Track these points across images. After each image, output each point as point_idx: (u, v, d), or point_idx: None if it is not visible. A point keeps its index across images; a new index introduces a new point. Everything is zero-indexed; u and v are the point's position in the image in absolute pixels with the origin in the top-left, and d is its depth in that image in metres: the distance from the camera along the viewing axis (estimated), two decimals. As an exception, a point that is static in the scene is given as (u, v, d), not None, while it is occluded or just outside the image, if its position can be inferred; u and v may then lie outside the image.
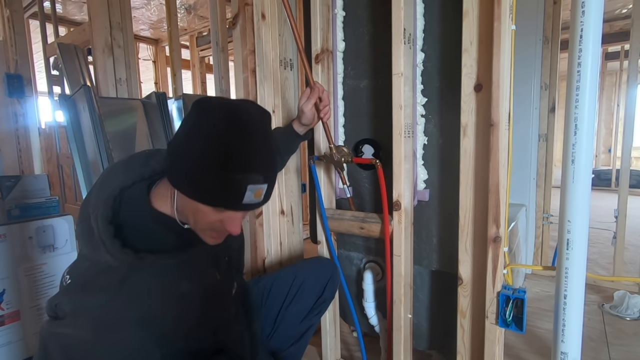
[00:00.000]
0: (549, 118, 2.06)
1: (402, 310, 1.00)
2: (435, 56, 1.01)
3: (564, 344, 0.72)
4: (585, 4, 0.61)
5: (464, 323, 0.93)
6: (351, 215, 1.12)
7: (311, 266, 1.08)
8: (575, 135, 0.65)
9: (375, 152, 1.13)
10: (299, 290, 1.00)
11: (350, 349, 1.47)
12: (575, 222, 0.67)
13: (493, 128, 0.81)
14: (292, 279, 1.01)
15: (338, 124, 1.18)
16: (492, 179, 0.82)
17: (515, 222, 1.69)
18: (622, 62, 5.13)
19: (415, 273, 1.09)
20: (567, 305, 0.70)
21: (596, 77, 0.64)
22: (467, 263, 0.91)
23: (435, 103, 1.02)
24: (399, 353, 1.02)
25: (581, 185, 0.66)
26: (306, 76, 1.07)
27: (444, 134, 1.02)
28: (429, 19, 1.00)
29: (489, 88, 0.81)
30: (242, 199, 0.60)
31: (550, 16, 1.98)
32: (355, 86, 1.16)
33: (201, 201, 0.61)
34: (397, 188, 0.96)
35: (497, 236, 0.83)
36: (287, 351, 1.00)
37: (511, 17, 0.79)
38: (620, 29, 4.39)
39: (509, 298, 0.81)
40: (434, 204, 1.06)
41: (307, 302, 1.01)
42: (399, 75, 0.91)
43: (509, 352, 1.40)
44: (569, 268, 0.69)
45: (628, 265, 2.28)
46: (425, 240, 1.09)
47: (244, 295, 0.90)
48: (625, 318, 1.62)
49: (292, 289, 1.00)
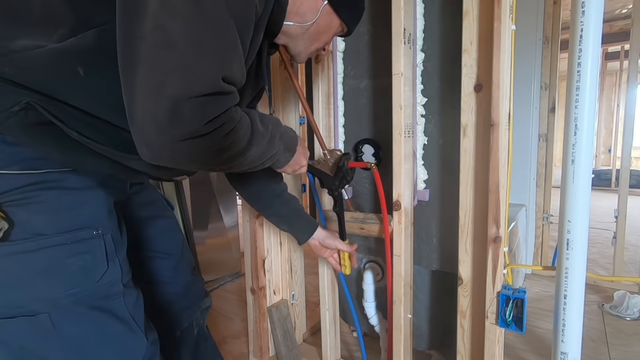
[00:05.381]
0: (549, 118, 2.06)
1: (402, 310, 1.00)
2: (435, 56, 1.01)
3: (564, 344, 0.72)
4: (585, 4, 0.61)
5: (464, 323, 0.93)
6: (350, 216, 1.12)
7: None
8: (575, 135, 0.65)
9: (375, 152, 1.13)
10: None
11: (350, 349, 1.47)
12: (575, 222, 0.67)
13: (493, 128, 0.81)
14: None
15: (338, 124, 1.18)
16: (492, 179, 0.82)
17: (515, 222, 1.69)
18: (622, 62, 5.12)
19: (415, 273, 1.09)
20: (567, 305, 0.70)
21: (596, 77, 0.64)
22: (467, 263, 0.91)
23: (435, 103, 1.02)
24: (399, 353, 1.02)
25: (581, 185, 0.66)
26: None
27: (444, 134, 1.02)
28: (429, 19, 1.00)
29: (489, 88, 0.81)
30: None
31: (550, 16, 1.98)
32: (355, 86, 1.16)
33: (346, 18, 0.74)
34: (397, 188, 0.96)
35: (497, 236, 0.83)
36: None
37: (511, 17, 0.79)
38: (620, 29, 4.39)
39: (509, 298, 0.81)
40: (434, 204, 1.06)
41: None
42: (399, 75, 0.91)
43: (509, 352, 1.40)
44: (569, 268, 0.69)
45: (628, 265, 2.28)
46: (425, 240, 1.09)
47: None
48: (625, 318, 1.63)
49: None
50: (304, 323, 1.52)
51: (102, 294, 0.64)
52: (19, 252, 0.57)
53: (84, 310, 0.62)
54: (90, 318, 0.62)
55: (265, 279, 1.33)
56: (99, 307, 0.63)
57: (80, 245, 0.61)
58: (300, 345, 1.46)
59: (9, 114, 0.53)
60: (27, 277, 0.58)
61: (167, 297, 0.90)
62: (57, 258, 0.59)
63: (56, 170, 0.60)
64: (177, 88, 0.47)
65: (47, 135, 0.57)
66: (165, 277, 0.89)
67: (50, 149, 0.59)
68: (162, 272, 0.89)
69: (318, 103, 1.18)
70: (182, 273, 0.92)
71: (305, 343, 1.49)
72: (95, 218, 0.64)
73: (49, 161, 0.59)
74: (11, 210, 0.56)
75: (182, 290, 0.92)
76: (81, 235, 0.62)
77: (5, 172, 0.56)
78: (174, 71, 0.47)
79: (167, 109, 0.47)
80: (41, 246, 0.58)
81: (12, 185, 0.57)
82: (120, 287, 0.66)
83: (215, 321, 1.75)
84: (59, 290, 0.59)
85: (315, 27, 0.71)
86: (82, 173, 0.63)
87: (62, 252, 0.59)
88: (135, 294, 0.70)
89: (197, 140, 0.51)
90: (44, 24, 0.52)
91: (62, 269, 0.59)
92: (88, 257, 0.62)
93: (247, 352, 1.45)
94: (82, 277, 0.61)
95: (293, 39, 0.73)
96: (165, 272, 0.89)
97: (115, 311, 0.65)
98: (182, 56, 0.47)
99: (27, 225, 0.57)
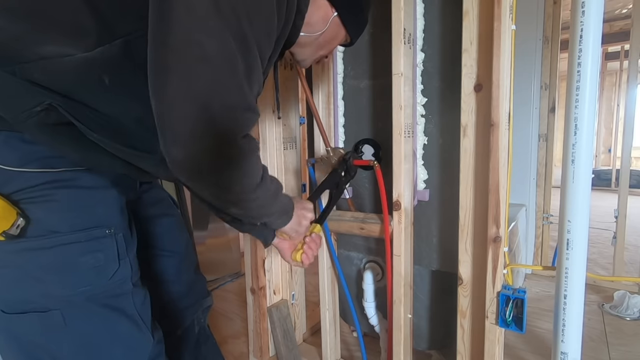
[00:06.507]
0: (549, 118, 2.06)
1: (402, 310, 1.00)
2: (435, 56, 1.01)
3: (564, 344, 0.72)
4: (585, 4, 0.61)
5: (464, 323, 0.93)
6: (351, 216, 1.12)
7: None
8: (575, 135, 0.65)
9: (375, 152, 1.13)
10: None
11: (350, 349, 1.47)
12: (575, 222, 0.67)
13: (493, 128, 0.81)
14: None
15: (338, 124, 1.18)
16: (492, 179, 0.82)
17: (515, 222, 1.69)
18: (622, 62, 5.12)
19: (415, 273, 1.09)
20: (567, 305, 0.70)
21: (596, 77, 0.64)
22: (467, 263, 0.91)
23: (435, 103, 1.02)
24: (399, 353, 1.02)
25: (581, 185, 0.66)
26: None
27: (444, 134, 1.02)
28: (429, 19, 1.00)
29: (489, 88, 0.81)
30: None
31: (550, 16, 1.98)
32: (355, 86, 1.16)
33: (351, 31, 0.78)
34: (397, 188, 0.96)
35: (497, 236, 0.83)
36: None
37: (511, 17, 0.79)
38: (620, 29, 4.39)
39: (509, 298, 0.81)
40: (434, 204, 1.06)
41: None
42: (399, 75, 0.91)
43: (509, 352, 1.40)
44: (569, 268, 0.69)
45: (628, 265, 2.28)
46: (425, 240, 1.09)
47: None
48: (625, 318, 1.62)
49: None
50: (304, 323, 1.52)
51: (112, 292, 0.65)
52: (34, 248, 0.58)
53: (94, 307, 0.63)
54: (100, 315, 0.63)
55: (265, 279, 1.33)
56: (109, 305, 0.64)
57: (94, 243, 0.62)
58: (300, 345, 1.46)
59: (30, 113, 0.54)
60: (40, 273, 0.59)
61: (170, 296, 0.90)
62: (70, 256, 0.60)
63: (71, 169, 0.61)
64: (214, 99, 0.51)
65: (64, 134, 0.58)
66: (169, 276, 0.89)
67: (66, 148, 0.60)
68: (167, 271, 0.89)
69: (318, 103, 1.18)
70: (185, 272, 0.93)
71: (305, 343, 1.49)
72: (108, 217, 0.65)
73: (65, 160, 0.60)
74: (28, 208, 0.57)
75: (185, 289, 0.92)
76: (94, 234, 0.63)
77: (24, 170, 0.57)
78: (209, 83, 0.50)
79: (204, 116, 0.51)
80: (56, 243, 0.59)
81: (29, 183, 0.58)
82: (130, 286, 0.67)
83: (215, 321, 1.75)
84: (72, 287, 0.60)
85: (324, 36, 0.75)
86: (95, 172, 0.65)
87: (75, 250, 0.60)
88: (143, 293, 0.71)
89: (230, 152, 0.55)
90: (72, 32, 0.53)
91: (75, 267, 0.60)
92: (100, 255, 0.63)
93: (247, 352, 1.45)
94: (94, 275, 0.62)
95: (302, 47, 0.76)
96: (169, 271, 0.89)
97: (125, 309, 0.66)
98: (216, 71, 0.50)
99: (43, 222, 0.58)
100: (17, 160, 0.57)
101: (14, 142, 0.57)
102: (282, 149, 1.31)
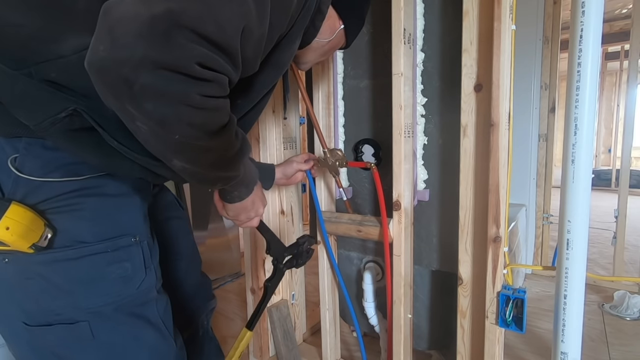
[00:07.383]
0: (549, 118, 2.06)
1: (402, 310, 1.00)
2: (435, 56, 1.01)
3: (564, 344, 0.72)
4: (585, 4, 0.61)
5: (464, 323, 0.93)
6: (348, 218, 1.12)
7: None
8: (575, 135, 0.65)
9: (375, 152, 1.13)
10: None
11: (350, 349, 1.47)
12: (575, 222, 0.67)
13: (493, 128, 0.81)
14: None
15: (338, 124, 1.18)
16: (492, 179, 0.82)
17: (515, 222, 1.69)
18: (622, 62, 5.12)
19: (415, 273, 1.09)
20: (567, 305, 0.70)
21: (596, 77, 0.64)
22: (467, 263, 0.91)
23: (435, 103, 1.02)
24: (399, 353, 1.02)
25: (581, 185, 0.66)
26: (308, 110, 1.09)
27: (444, 134, 1.02)
28: (429, 19, 1.00)
29: (489, 88, 0.81)
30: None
31: (550, 16, 1.98)
32: (355, 86, 1.16)
33: (350, 39, 0.81)
34: (397, 188, 0.96)
35: (497, 236, 0.83)
36: None
37: (511, 17, 0.79)
38: (620, 29, 4.38)
39: (509, 298, 0.81)
40: (434, 204, 1.06)
41: None
42: (399, 75, 0.91)
43: (509, 352, 1.40)
44: (569, 268, 0.69)
45: (628, 265, 2.28)
46: (425, 240, 1.09)
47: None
48: (625, 318, 1.63)
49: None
50: (304, 323, 1.52)
51: (139, 301, 0.63)
52: (61, 259, 0.56)
53: (122, 317, 0.61)
54: (126, 325, 0.62)
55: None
56: (135, 314, 0.63)
57: (120, 253, 0.61)
58: (300, 345, 1.46)
59: (55, 119, 0.52)
60: (68, 285, 0.57)
61: (178, 299, 0.89)
62: (98, 266, 0.59)
63: (95, 176, 0.60)
64: (187, 15, 0.41)
65: (86, 140, 0.56)
66: (177, 279, 0.89)
67: (87, 154, 0.58)
68: (175, 274, 0.89)
69: (318, 103, 1.18)
70: (192, 274, 0.92)
71: (305, 343, 1.49)
72: (133, 225, 0.64)
73: (87, 166, 0.59)
74: (54, 218, 0.56)
75: (191, 291, 0.92)
76: (121, 243, 0.61)
77: (49, 180, 0.56)
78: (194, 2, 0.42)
79: (165, 21, 0.40)
80: (83, 254, 0.57)
81: (54, 192, 0.56)
82: (155, 294, 0.66)
83: (215, 321, 1.75)
84: (99, 299, 0.59)
85: (329, 44, 0.79)
86: (118, 179, 0.63)
87: (102, 260, 0.59)
88: (165, 300, 0.70)
89: (174, 81, 0.42)
90: (89, 20, 0.45)
91: (102, 277, 0.59)
92: (128, 265, 0.61)
93: (247, 352, 1.45)
94: (121, 286, 0.61)
95: (311, 51, 0.78)
96: (177, 274, 0.89)
97: (149, 317, 0.65)
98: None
99: (70, 232, 0.57)
100: (40, 168, 0.55)
101: (36, 149, 0.55)
102: (282, 149, 1.31)
